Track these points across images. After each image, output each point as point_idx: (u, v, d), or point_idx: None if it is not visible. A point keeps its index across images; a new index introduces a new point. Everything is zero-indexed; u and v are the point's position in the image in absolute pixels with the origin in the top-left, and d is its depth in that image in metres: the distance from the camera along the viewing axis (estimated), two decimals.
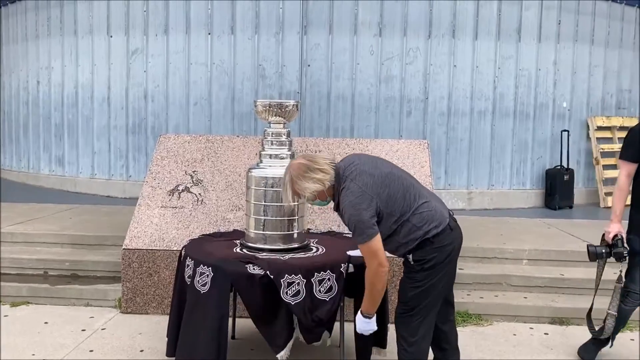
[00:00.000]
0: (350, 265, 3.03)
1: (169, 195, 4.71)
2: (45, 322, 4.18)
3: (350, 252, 3.04)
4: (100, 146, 7.90)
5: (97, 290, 4.62)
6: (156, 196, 4.71)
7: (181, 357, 3.05)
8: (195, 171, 4.84)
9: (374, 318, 2.75)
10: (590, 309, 3.56)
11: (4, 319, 4.23)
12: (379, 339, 3.23)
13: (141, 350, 3.72)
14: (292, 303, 2.89)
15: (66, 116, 8.22)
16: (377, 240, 2.57)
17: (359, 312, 2.76)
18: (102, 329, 4.07)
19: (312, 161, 2.72)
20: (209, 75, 7.34)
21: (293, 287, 2.90)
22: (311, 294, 2.92)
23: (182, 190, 4.73)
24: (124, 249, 4.37)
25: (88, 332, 4.02)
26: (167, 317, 4.17)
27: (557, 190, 7.39)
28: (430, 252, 2.66)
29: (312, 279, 2.93)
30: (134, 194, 7.47)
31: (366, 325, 2.74)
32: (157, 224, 4.52)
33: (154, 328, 4.06)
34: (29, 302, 4.56)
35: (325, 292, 2.95)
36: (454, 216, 2.82)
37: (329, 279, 2.96)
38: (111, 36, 7.70)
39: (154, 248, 4.37)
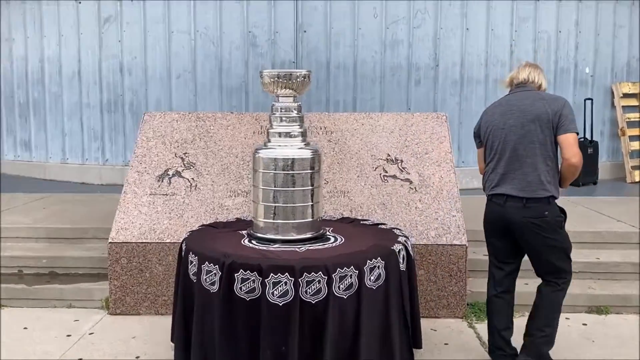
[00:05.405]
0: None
1: (158, 180, 4.55)
2: (25, 328, 4.04)
3: None
4: (71, 127, 7.69)
5: (80, 289, 4.48)
6: (143, 182, 4.55)
7: None
8: (186, 153, 4.68)
9: None
10: None
11: None
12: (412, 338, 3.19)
13: (137, 357, 3.60)
14: (313, 302, 2.77)
15: (31, 94, 7.98)
16: (480, 153, 3.58)
17: None
18: (90, 334, 3.94)
19: None
20: (192, 44, 7.13)
21: (313, 284, 2.78)
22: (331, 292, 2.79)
23: (173, 175, 4.58)
24: (110, 242, 4.22)
25: (74, 337, 3.88)
26: (162, 318, 4.09)
27: None
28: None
29: (333, 275, 2.81)
30: (111, 180, 7.32)
31: None
32: (147, 214, 4.37)
33: (148, 330, 3.94)
34: (3, 305, 4.41)
35: (345, 290, 2.83)
36: (509, 203, 3.33)
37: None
38: (80, 2, 7.43)
39: (144, 241, 4.23)
